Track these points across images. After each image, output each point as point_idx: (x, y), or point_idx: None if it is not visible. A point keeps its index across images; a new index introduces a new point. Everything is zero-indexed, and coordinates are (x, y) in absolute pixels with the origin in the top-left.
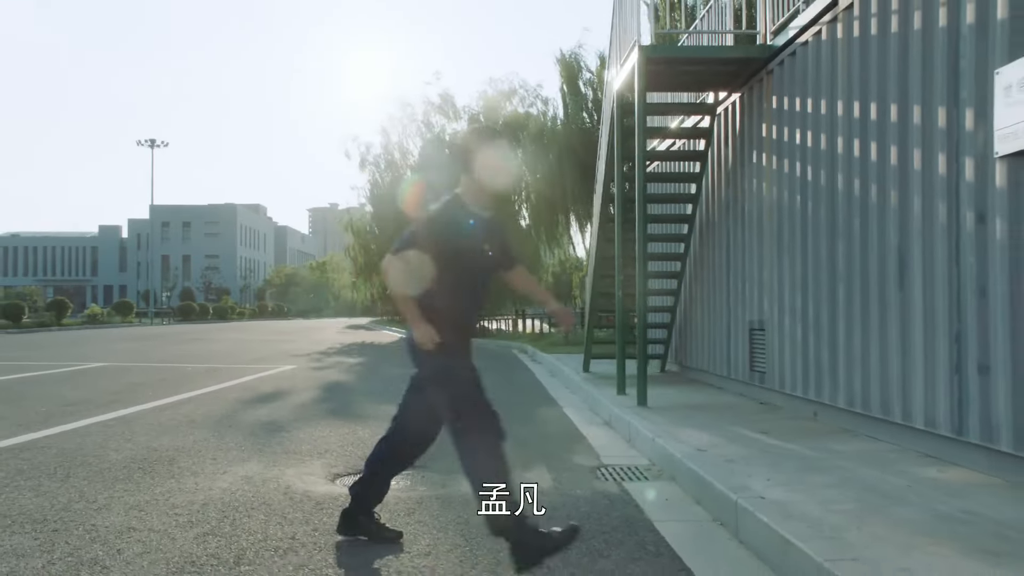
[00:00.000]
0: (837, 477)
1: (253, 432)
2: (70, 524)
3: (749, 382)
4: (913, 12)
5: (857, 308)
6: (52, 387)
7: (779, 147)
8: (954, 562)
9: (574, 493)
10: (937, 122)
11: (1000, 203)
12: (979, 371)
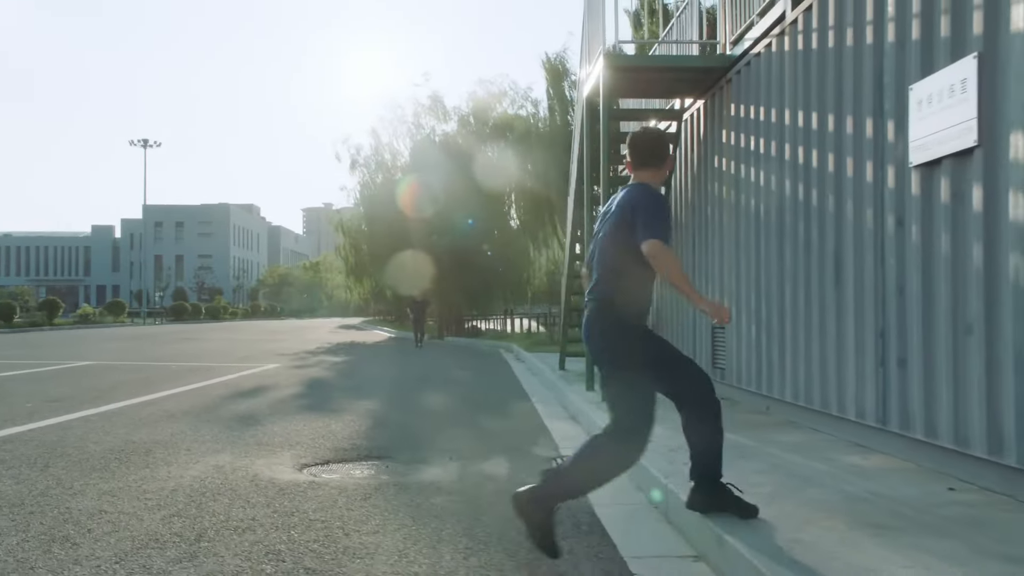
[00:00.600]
0: (767, 464)
1: (229, 426)
2: (45, 507)
3: (712, 378)
4: (846, 28)
5: (801, 307)
6: (39, 385)
7: (737, 153)
8: (842, 534)
9: (526, 481)
10: (865, 133)
11: (915, 209)
12: (898, 364)
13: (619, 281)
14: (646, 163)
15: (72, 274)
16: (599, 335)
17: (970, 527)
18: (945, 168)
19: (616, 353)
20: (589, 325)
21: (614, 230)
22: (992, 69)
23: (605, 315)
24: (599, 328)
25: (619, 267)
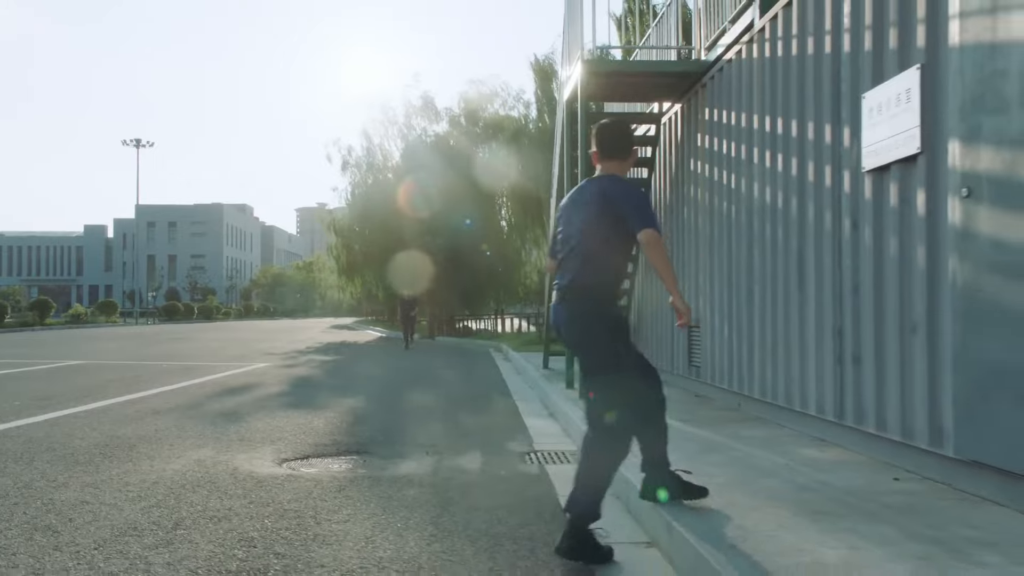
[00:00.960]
0: (727, 457)
1: (213, 422)
2: (29, 499)
3: (688, 376)
4: (808, 38)
5: (768, 307)
6: (28, 383)
7: (711, 156)
8: (785, 520)
9: (498, 474)
10: (825, 138)
11: (867, 212)
12: (853, 361)
13: (601, 272)
14: (612, 155)
15: (64, 274)
16: (580, 325)
17: (905, 513)
18: (894, 173)
19: (599, 342)
20: (567, 315)
21: (596, 221)
22: (933, 80)
23: (586, 305)
24: (580, 318)
25: (600, 258)
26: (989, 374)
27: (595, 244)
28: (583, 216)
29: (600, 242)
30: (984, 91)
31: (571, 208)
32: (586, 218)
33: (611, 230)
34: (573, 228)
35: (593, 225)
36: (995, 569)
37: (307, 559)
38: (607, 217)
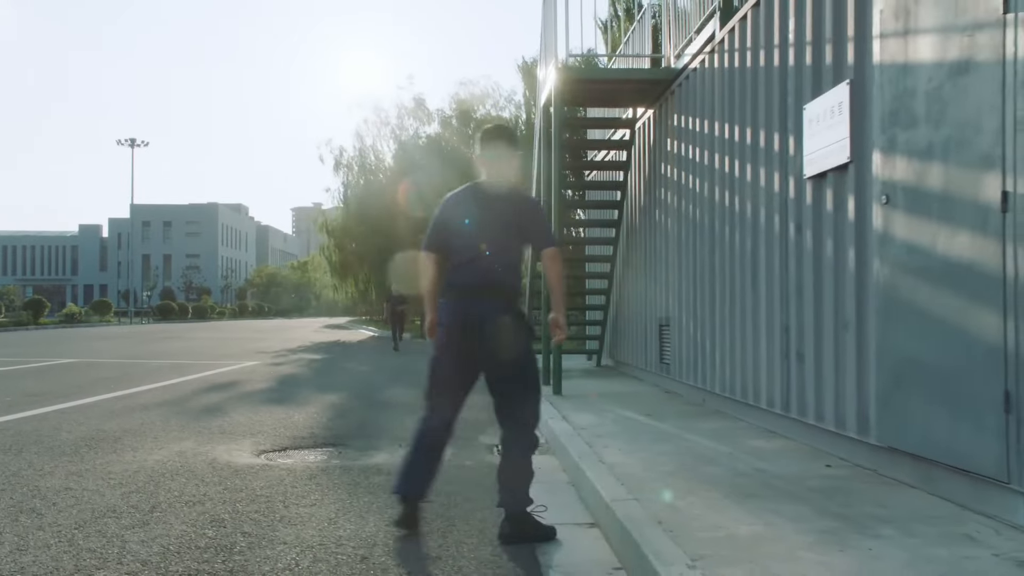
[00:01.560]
0: (678, 447)
1: (197, 417)
2: (16, 485)
3: (660, 373)
4: (760, 50)
5: (728, 306)
6: (19, 381)
7: (679, 161)
8: (714, 501)
9: (463, 464)
10: (774, 146)
11: (808, 216)
12: (797, 357)
13: (517, 277)
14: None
15: (59, 273)
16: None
17: (825, 495)
18: (830, 180)
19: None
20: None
21: (519, 232)
22: (861, 94)
23: (512, 307)
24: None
25: (517, 265)
26: (903, 367)
27: (518, 255)
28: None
29: (519, 253)
30: (898, 107)
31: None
32: (511, 228)
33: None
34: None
35: (517, 236)
36: (887, 540)
37: (271, 537)
38: (521, 230)
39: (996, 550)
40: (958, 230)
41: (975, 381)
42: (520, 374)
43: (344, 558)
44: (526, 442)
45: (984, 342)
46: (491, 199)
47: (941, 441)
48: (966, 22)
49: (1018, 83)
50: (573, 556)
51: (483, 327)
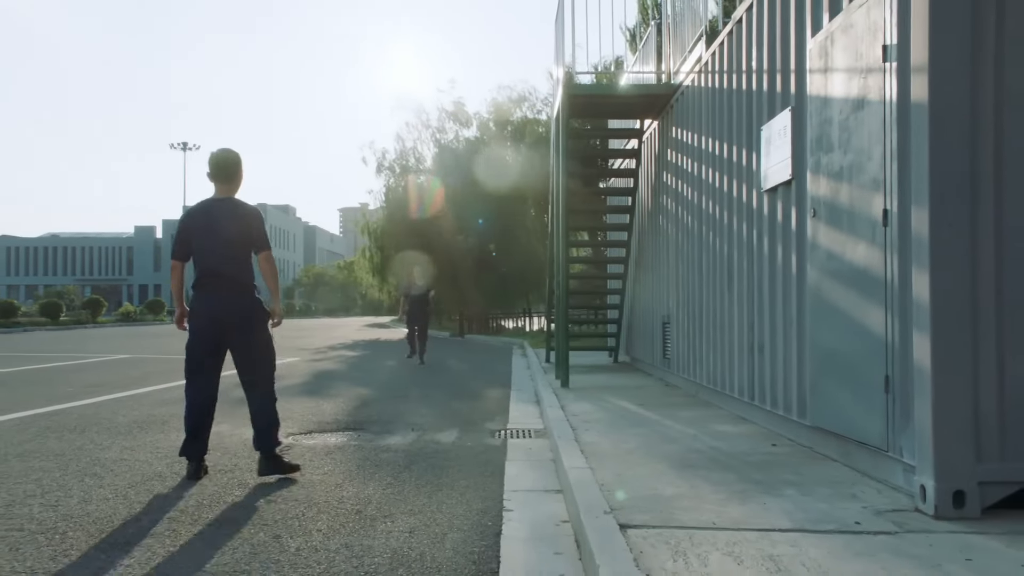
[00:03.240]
0: (651, 431)
1: (235, 405)
2: (80, 456)
3: (663, 368)
4: (733, 74)
5: (713, 304)
6: (81, 373)
7: (678, 170)
8: (658, 471)
9: (464, 445)
10: (743, 161)
11: (766, 226)
12: (759, 350)
13: (252, 273)
14: (225, 180)
15: (115, 273)
16: (248, 309)
17: (755, 467)
18: (780, 194)
19: (262, 322)
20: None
21: (244, 235)
22: (799, 120)
23: (254, 295)
24: (248, 304)
25: (248, 262)
26: (825, 358)
27: (248, 253)
28: (232, 230)
29: (248, 253)
30: (821, 134)
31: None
32: (235, 234)
33: (250, 245)
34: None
35: (243, 239)
36: (784, 498)
37: (286, 496)
38: (246, 234)
39: (866, 503)
40: (858, 241)
41: (867, 368)
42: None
43: (342, 511)
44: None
45: (873, 335)
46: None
47: (848, 419)
48: (862, 66)
49: (893, 120)
50: (535, 512)
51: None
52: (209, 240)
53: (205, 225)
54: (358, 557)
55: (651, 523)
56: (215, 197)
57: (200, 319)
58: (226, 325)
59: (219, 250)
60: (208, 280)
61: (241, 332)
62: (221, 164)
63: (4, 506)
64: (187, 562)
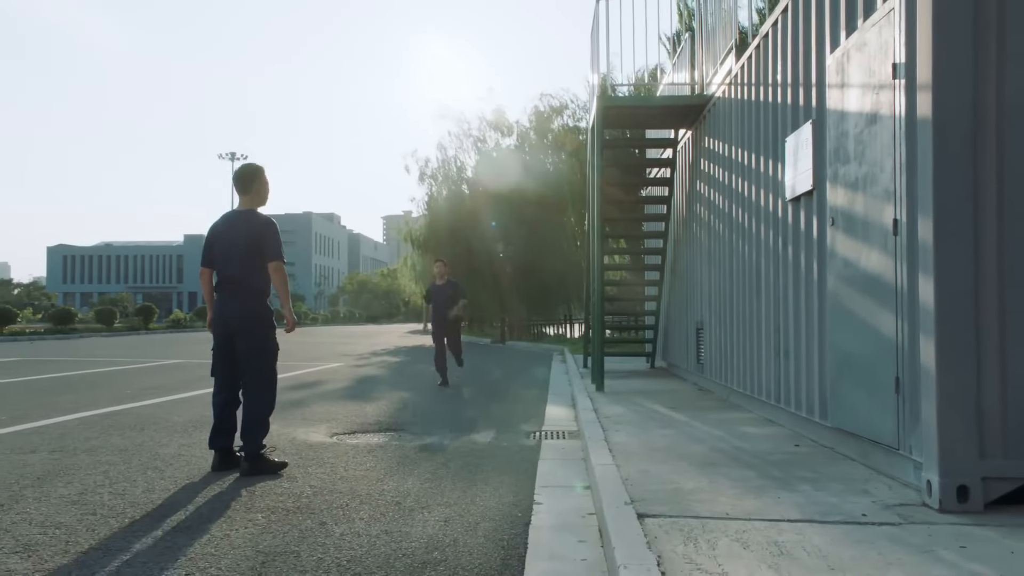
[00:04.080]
0: (679, 432)
1: (282, 407)
2: (142, 452)
3: (697, 373)
4: (760, 87)
5: (742, 310)
6: (138, 377)
7: (710, 179)
8: (681, 467)
9: (500, 445)
10: (770, 171)
11: (791, 234)
12: (784, 355)
13: (263, 283)
14: (245, 191)
15: (166, 281)
16: (251, 313)
17: (775, 465)
18: (803, 204)
19: (268, 326)
20: (244, 307)
21: (256, 244)
22: (820, 133)
23: (260, 301)
24: (252, 309)
25: (262, 271)
26: (843, 361)
27: (261, 264)
28: (244, 240)
29: (261, 263)
30: (839, 146)
31: (227, 230)
32: (249, 243)
33: (262, 256)
34: (235, 249)
35: (255, 250)
36: (797, 492)
37: (331, 489)
38: (258, 245)
39: (876, 498)
40: (871, 249)
41: (880, 370)
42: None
43: (382, 503)
44: (269, 401)
45: (885, 338)
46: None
47: (864, 419)
48: (875, 82)
49: (902, 134)
50: (563, 505)
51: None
52: (226, 248)
53: (224, 234)
54: (396, 541)
55: (668, 513)
56: (236, 208)
57: (215, 322)
58: (232, 328)
59: (233, 258)
60: (223, 285)
61: (242, 335)
62: (240, 177)
63: (78, 494)
64: (244, 543)
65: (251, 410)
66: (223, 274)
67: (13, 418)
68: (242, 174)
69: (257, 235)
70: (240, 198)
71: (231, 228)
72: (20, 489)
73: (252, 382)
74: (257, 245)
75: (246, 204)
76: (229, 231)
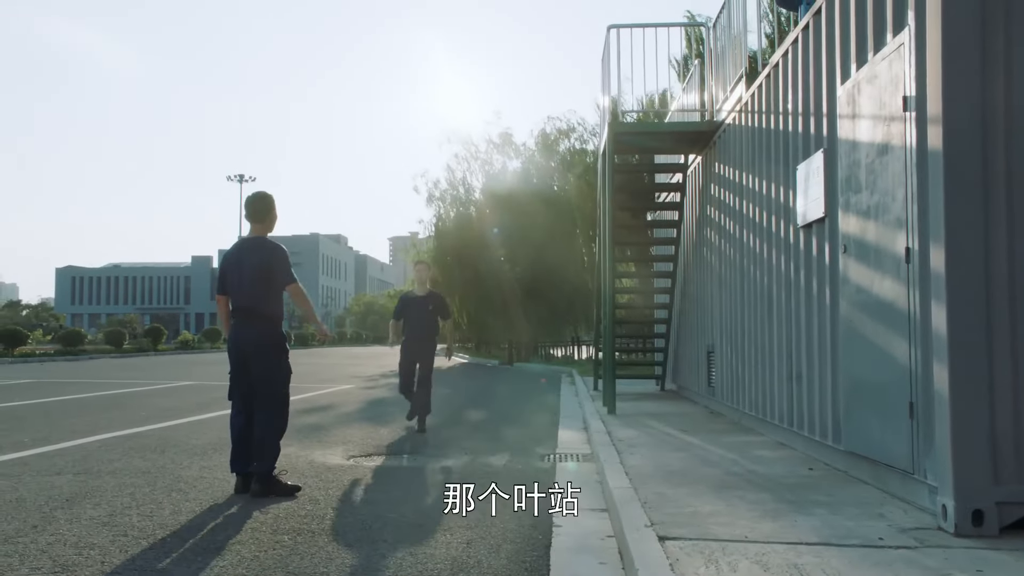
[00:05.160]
0: (692, 455)
1: (299, 429)
2: (165, 474)
3: (708, 396)
4: (771, 114)
5: (754, 334)
6: (152, 399)
7: (721, 204)
8: (697, 491)
9: (515, 468)
10: (781, 198)
11: (803, 260)
12: (796, 379)
13: (276, 309)
14: (259, 220)
15: (174, 302)
16: (263, 339)
17: (790, 489)
18: (815, 230)
19: (281, 350)
20: (258, 332)
21: (266, 271)
22: (831, 161)
23: (273, 327)
24: (264, 334)
25: (274, 297)
26: (856, 385)
27: (274, 290)
28: (256, 268)
29: (277, 290)
30: (850, 175)
31: (239, 256)
32: (262, 272)
33: (275, 284)
34: (246, 276)
35: (265, 278)
36: (813, 516)
37: (353, 511)
38: (269, 272)
39: (892, 522)
40: (884, 276)
41: (894, 395)
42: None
43: (404, 524)
44: (281, 423)
45: (898, 364)
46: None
47: (878, 443)
48: (886, 113)
49: (913, 165)
50: (582, 528)
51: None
52: (237, 275)
53: (235, 262)
54: (422, 563)
55: (688, 536)
56: (247, 236)
57: (231, 347)
58: (245, 353)
59: (244, 285)
60: (237, 312)
61: (255, 360)
62: (254, 206)
63: (108, 516)
64: (274, 564)
65: (263, 432)
66: (237, 301)
67: (35, 440)
68: (258, 206)
69: (266, 264)
70: (252, 226)
71: (242, 256)
72: (51, 511)
73: (265, 405)
74: (267, 272)
75: (256, 232)
76: (240, 259)
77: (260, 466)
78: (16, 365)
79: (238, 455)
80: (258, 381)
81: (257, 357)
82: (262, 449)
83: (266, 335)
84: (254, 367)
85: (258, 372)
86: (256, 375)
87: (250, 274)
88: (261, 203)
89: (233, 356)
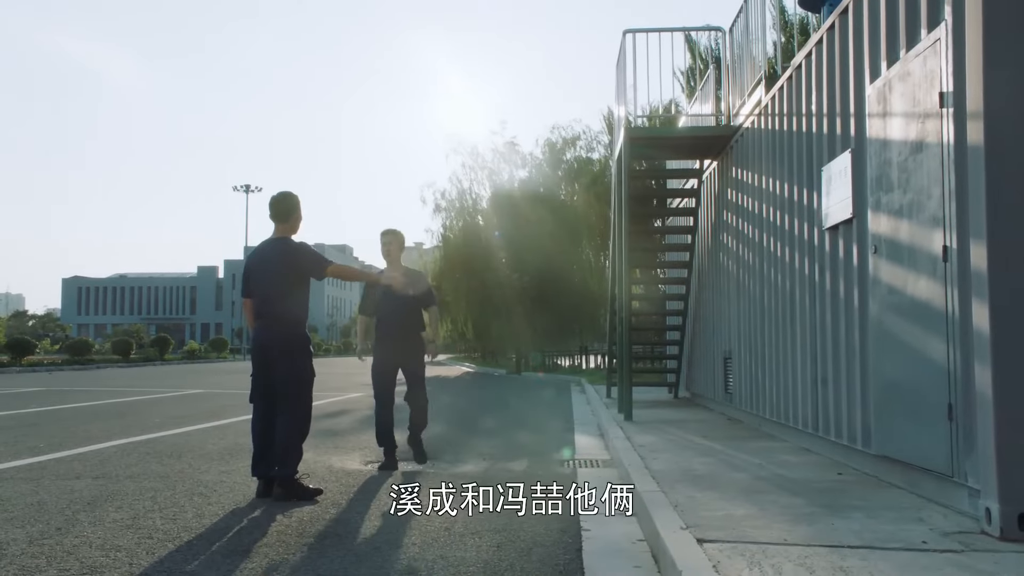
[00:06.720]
0: (717, 459)
1: (314, 435)
2: (184, 479)
3: (725, 402)
4: (793, 117)
5: (774, 339)
6: (163, 407)
7: (738, 209)
8: (727, 495)
9: (536, 473)
10: (804, 200)
11: (827, 262)
12: (822, 383)
13: (299, 310)
14: (283, 220)
15: (179, 312)
16: (287, 340)
17: (822, 493)
18: (841, 232)
19: (304, 353)
20: (280, 334)
21: (291, 270)
22: (859, 162)
23: (297, 328)
24: (287, 335)
25: (296, 300)
26: (888, 388)
27: (293, 292)
28: (275, 271)
29: (298, 292)
30: (881, 174)
31: (261, 262)
32: (280, 274)
33: (300, 283)
34: (267, 279)
35: (285, 279)
36: (851, 520)
37: (377, 515)
38: (293, 271)
39: (933, 526)
40: (919, 276)
41: (931, 397)
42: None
43: (431, 528)
44: (302, 427)
45: (936, 365)
46: (268, 252)
47: (913, 447)
48: (920, 111)
49: (950, 162)
50: (611, 532)
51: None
52: (261, 277)
53: (258, 264)
54: (454, 566)
55: (726, 539)
56: (270, 238)
57: (254, 349)
58: (269, 354)
59: (267, 287)
60: (261, 314)
61: (279, 361)
62: (279, 206)
63: (131, 519)
64: (303, 566)
65: (285, 435)
66: (260, 303)
67: (51, 445)
68: (281, 206)
69: (291, 265)
70: (276, 226)
71: (265, 258)
72: (73, 513)
73: (287, 408)
74: (294, 271)
75: (280, 232)
76: (263, 261)
77: (283, 470)
78: (25, 374)
79: (260, 459)
80: (281, 383)
81: (280, 359)
82: (285, 453)
83: (290, 337)
84: (277, 369)
85: (281, 374)
86: (279, 377)
87: (274, 277)
88: (285, 202)
89: (256, 358)
